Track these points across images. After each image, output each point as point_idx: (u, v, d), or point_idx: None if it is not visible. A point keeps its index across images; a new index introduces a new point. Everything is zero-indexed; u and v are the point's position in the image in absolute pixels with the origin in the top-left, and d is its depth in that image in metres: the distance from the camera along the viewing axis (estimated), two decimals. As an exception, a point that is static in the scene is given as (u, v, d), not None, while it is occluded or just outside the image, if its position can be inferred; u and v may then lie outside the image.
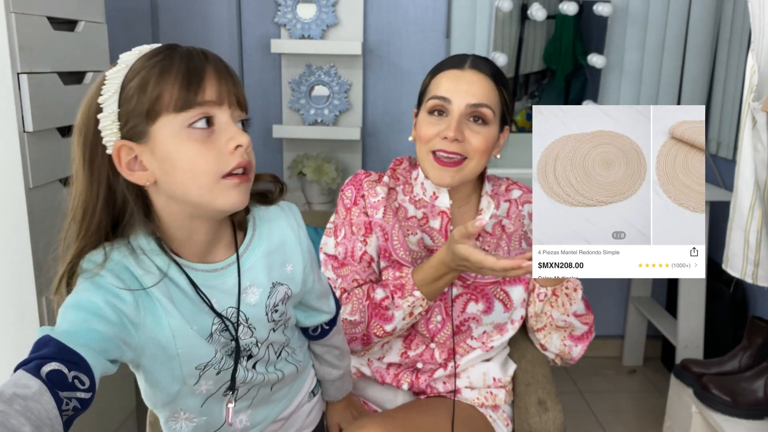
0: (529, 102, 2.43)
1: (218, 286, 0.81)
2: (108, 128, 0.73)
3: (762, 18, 1.28)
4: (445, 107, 1.13)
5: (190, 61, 0.72)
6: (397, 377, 1.19)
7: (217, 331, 0.81)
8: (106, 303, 0.74)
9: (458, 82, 1.13)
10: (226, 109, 0.74)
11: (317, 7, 2.12)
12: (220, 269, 0.82)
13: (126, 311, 0.74)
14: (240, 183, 0.75)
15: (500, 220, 1.22)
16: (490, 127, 1.14)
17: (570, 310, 1.16)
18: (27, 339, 1.37)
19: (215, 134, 0.73)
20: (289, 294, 0.87)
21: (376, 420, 1.06)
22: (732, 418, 1.56)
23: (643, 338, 2.46)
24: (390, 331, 1.12)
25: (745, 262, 1.39)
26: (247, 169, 0.76)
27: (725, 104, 2.14)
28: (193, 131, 0.72)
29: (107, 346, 0.72)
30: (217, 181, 0.73)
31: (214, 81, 0.73)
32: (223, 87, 0.73)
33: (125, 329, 0.74)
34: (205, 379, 0.83)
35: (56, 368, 0.69)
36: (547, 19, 2.18)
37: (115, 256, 0.77)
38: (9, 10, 1.23)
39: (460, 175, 1.14)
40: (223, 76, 0.74)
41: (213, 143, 0.73)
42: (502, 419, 1.21)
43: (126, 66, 0.74)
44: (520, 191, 1.25)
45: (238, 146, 0.74)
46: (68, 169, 0.79)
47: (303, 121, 2.19)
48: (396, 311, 1.10)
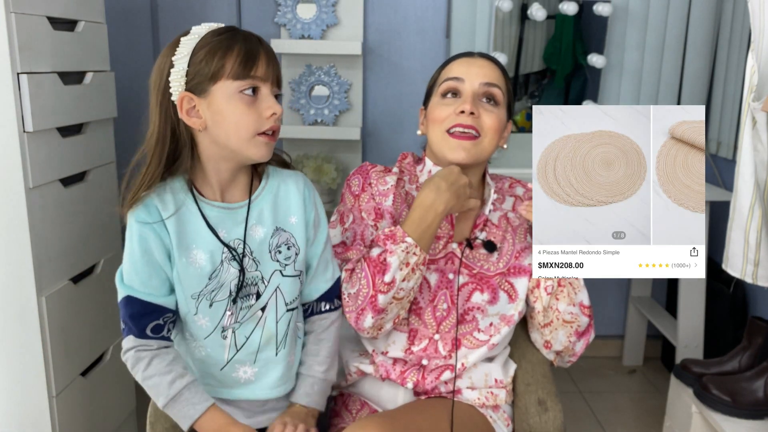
0: (529, 102, 2.43)
1: (229, 220, 1.02)
2: (176, 81, 0.96)
3: (762, 18, 1.28)
4: (458, 88, 1.17)
5: (249, 44, 0.96)
6: (402, 375, 1.19)
7: (227, 260, 1.01)
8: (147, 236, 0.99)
9: (470, 65, 1.19)
10: (268, 84, 0.97)
11: (317, 7, 2.12)
12: (234, 208, 1.03)
13: (157, 239, 0.99)
14: (269, 141, 0.99)
15: (505, 213, 1.25)
16: (501, 109, 1.18)
17: (576, 300, 1.17)
18: (27, 339, 1.37)
19: (258, 101, 0.97)
20: (293, 242, 1.06)
21: (375, 420, 1.06)
22: (732, 418, 1.56)
23: (643, 338, 2.46)
24: (389, 281, 1.08)
25: (745, 262, 1.39)
26: (276, 132, 1.00)
27: (725, 104, 2.14)
28: (243, 96, 0.95)
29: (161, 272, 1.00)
30: (253, 137, 0.97)
31: (264, 62, 0.96)
32: (269, 68, 0.96)
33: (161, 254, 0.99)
34: (202, 313, 1.02)
35: (154, 323, 1.00)
36: (547, 19, 2.18)
37: (150, 200, 0.99)
38: (9, 10, 1.23)
39: (476, 150, 1.16)
40: (271, 59, 0.97)
41: (255, 108, 0.96)
42: (503, 419, 1.21)
43: (198, 36, 0.96)
44: (524, 189, 1.29)
45: (273, 114, 0.97)
46: (68, 169, 0.84)
47: (303, 121, 2.19)
48: (390, 257, 1.08)
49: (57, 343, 1.41)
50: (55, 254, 1.41)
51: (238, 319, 1.03)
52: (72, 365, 1.49)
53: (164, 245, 0.99)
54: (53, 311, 1.40)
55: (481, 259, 1.20)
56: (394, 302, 1.10)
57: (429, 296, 1.19)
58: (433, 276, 1.19)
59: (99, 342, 1.62)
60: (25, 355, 1.38)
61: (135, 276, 0.99)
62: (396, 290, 1.09)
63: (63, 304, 1.44)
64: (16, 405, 1.41)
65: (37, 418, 1.41)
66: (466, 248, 1.19)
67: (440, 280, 1.19)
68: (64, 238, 1.45)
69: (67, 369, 1.46)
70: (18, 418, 1.41)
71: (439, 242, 1.20)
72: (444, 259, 1.20)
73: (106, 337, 1.65)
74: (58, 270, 1.43)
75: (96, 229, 1.59)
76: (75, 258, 1.50)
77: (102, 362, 1.63)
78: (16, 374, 1.39)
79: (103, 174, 1.62)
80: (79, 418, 1.52)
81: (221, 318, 1.03)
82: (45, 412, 1.41)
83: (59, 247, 1.43)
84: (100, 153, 1.60)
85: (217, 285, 1.01)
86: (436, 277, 1.19)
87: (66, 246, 1.46)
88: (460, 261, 1.19)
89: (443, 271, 1.19)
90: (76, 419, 1.51)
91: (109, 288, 1.66)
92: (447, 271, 1.19)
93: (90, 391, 1.56)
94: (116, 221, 1.70)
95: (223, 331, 1.03)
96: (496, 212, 1.24)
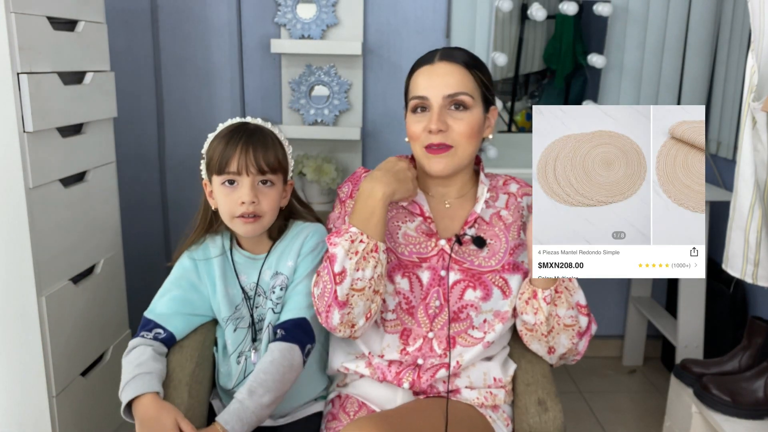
0: (529, 102, 2.43)
1: (251, 268, 1.27)
2: (203, 169, 1.25)
3: (762, 18, 1.28)
4: (424, 104, 1.19)
5: (227, 146, 1.18)
6: (398, 375, 1.19)
7: (243, 300, 1.26)
8: (189, 267, 1.27)
9: (431, 77, 1.19)
10: (245, 176, 1.17)
11: (317, 7, 2.12)
12: (256, 258, 1.28)
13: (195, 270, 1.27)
14: (246, 223, 1.19)
15: (498, 211, 1.25)
16: (473, 110, 1.18)
17: (573, 302, 1.16)
18: (27, 339, 1.37)
19: (236, 190, 1.18)
20: (286, 284, 1.25)
21: (372, 420, 1.06)
22: (732, 418, 1.56)
23: (643, 338, 2.46)
24: (339, 271, 1.11)
25: (745, 262, 1.39)
26: (256, 214, 1.19)
27: (725, 104, 2.14)
28: (224, 186, 1.19)
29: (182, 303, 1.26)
30: (232, 219, 1.20)
31: (240, 158, 1.17)
32: (243, 161, 1.17)
33: (197, 280, 1.27)
34: (229, 334, 1.25)
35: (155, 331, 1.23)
36: (547, 19, 2.18)
37: (205, 243, 1.29)
38: (9, 10, 1.23)
39: (453, 161, 1.19)
40: (249, 153, 1.17)
41: (232, 195, 1.19)
42: (502, 419, 1.21)
43: (214, 135, 1.23)
44: (518, 185, 1.29)
45: (243, 202, 1.17)
46: (68, 169, 0.85)
47: (303, 121, 2.19)
48: (335, 249, 1.13)
49: (57, 343, 1.41)
50: (55, 254, 1.41)
51: (252, 347, 1.25)
52: (72, 365, 1.49)
53: (206, 275, 1.26)
54: (53, 311, 1.40)
55: (473, 255, 1.21)
56: (356, 294, 1.12)
57: (421, 294, 1.19)
58: (426, 274, 1.20)
59: (99, 342, 1.62)
60: (25, 355, 1.38)
61: (165, 303, 1.23)
62: (352, 280, 1.11)
63: (63, 304, 1.44)
64: (16, 405, 1.41)
65: (37, 418, 1.41)
66: (456, 244, 1.20)
67: (432, 278, 1.20)
68: (64, 238, 1.45)
69: (67, 369, 1.46)
70: (18, 418, 1.41)
71: (430, 240, 1.21)
72: (436, 257, 1.21)
73: (106, 337, 1.65)
74: (58, 270, 1.43)
75: (96, 229, 1.59)
76: (75, 258, 1.50)
77: (102, 362, 1.63)
78: (16, 374, 1.39)
79: (103, 174, 1.62)
80: (79, 418, 1.52)
81: (240, 343, 1.25)
82: (45, 412, 1.41)
83: (59, 247, 1.43)
84: (100, 153, 1.60)
85: (240, 315, 1.26)
86: (428, 275, 1.20)
87: (66, 246, 1.46)
88: (449, 257, 1.20)
89: (435, 268, 1.20)
90: (76, 419, 1.51)
91: (109, 288, 1.67)
92: (439, 269, 1.20)
93: (90, 391, 1.56)
94: (116, 221, 1.70)
95: (239, 355, 1.25)
96: (488, 210, 1.25)
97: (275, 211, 1.23)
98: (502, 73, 2.33)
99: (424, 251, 1.21)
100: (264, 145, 1.19)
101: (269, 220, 1.22)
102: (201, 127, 2.24)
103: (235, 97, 2.21)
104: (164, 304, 1.24)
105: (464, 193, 1.27)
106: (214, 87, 2.20)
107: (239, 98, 2.21)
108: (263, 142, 1.20)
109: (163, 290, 1.26)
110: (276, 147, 1.22)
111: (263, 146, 1.19)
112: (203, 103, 2.21)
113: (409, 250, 1.22)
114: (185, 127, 2.22)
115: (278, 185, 1.22)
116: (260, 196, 1.19)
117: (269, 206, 1.20)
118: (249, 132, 1.20)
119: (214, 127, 1.25)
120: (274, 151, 1.20)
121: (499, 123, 2.40)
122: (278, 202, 1.23)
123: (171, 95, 2.21)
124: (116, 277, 1.71)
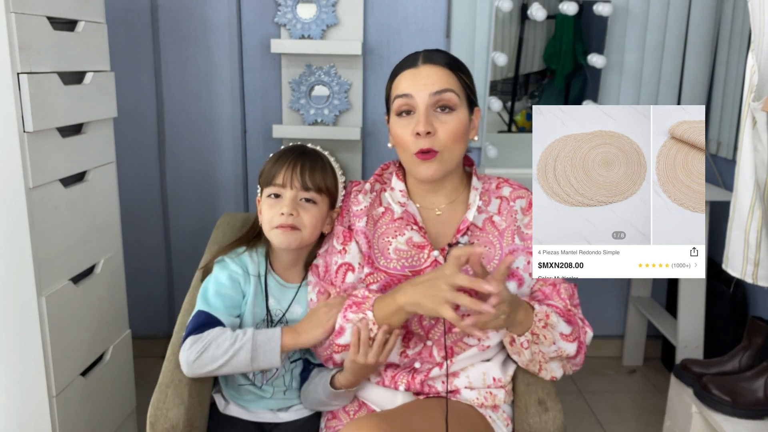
0: (529, 102, 2.43)
1: (282, 295, 1.29)
2: (259, 186, 1.30)
3: (762, 18, 1.28)
4: (409, 104, 1.17)
5: (278, 160, 1.25)
6: (394, 379, 1.19)
7: (265, 322, 1.27)
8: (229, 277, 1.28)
9: (415, 78, 1.18)
10: (289, 189, 1.23)
11: (317, 7, 2.12)
12: (288, 287, 1.30)
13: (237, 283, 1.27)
14: (283, 232, 1.22)
15: (491, 216, 1.23)
16: (458, 112, 1.17)
17: (554, 337, 1.14)
18: (27, 339, 1.37)
19: (279, 202, 1.23)
20: None
21: (372, 420, 1.06)
22: (732, 418, 1.56)
23: (643, 338, 2.46)
24: (344, 344, 1.16)
25: (745, 262, 1.39)
26: (294, 226, 1.22)
27: (725, 104, 2.14)
28: (269, 198, 1.25)
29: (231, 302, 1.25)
30: (271, 229, 1.24)
31: (287, 174, 1.23)
32: (288, 175, 1.23)
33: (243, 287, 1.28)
34: None
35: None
36: (547, 19, 2.18)
37: (243, 256, 1.31)
38: (9, 10, 1.23)
39: (441, 165, 1.18)
40: (296, 169, 1.23)
41: (275, 207, 1.24)
42: (502, 419, 1.21)
43: (273, 153, 1.30)
44: (511, 188, 1.27)
45: (282, 213, 1.22)
46: (68, 169, 0.84)
47: (303, 121, 2.19)
48: (347, 324, 1.15)
49: (57, 343, 1.41)
50: (55, 254, 1.41)
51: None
52: (72, 365, 1.49)
53: (247, 284, 1.27)
54: (53, 311, 1.40)
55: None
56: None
57: None
58: None
59: (99, 342, 1.62)
60: (25, 355, 1.38)
61: (218, 299, 1.23)
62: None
63: (63, 304, 1.44)
64: (16, 405, 1.41)
65: (37, 418, 1.41)
66: (449, 254, 1.19)
67: None
68: (64, 238, 1.45)
69: (67, 369, 1.46)
70: (18, 418, 1.41)
71: (423, 252, 1.20)
72: (430, 268, 1.18)
73: (106, 337, 1.65)
74: (58, 270, 1.43)
75: (96, 229, 1.59)
76: (75, 258, 1.50)
77: (102, 362, 1.63)
78: (16, 374, 1.39)
79: (103, 174, 1.62)
80: (79, 418, 1.52)
81: None
82: (45, 412, 1.41)
83: (59, 247, 1.43)
84: (100, 153, 1.60)
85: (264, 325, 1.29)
86: None
87: (66, 246, 1.46)
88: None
89: None
90: (76, 419, 1.51)
91: (109, 288, 1.67)
92: None
93: (90, 391, 1.56)
94: (116, 221, 1.70)
95: None
96: (480, 215, 1.23)
97: (315, 230, 1.25)
98: (502, 73, 2.33)
99: (417, 264, 1.19)
100: (312, 165, 1.24)
101: (308, 236, 1.24)
102: (201, 127, 2.25)
103: (235, 97, 2.21)
104: (219, 300, 1.23)
105: (454, 198, 1.25)
106: (214, 87, 2.20)
107: (239, 98, 2.21)
108: (312, 162, 1.25)
109: (216, 288, 1.24)
110: (326, 170, 1.26)
111: (311, 165, 1.24)
112: (203, 103, 2.21)
113: (401, 265, 1.19)
114: (185, 127, 2.22)
115: (321, 206, 1.25)
116: (301, 210, 1.22)
117: (309, 222, 1.23)
118: (302, 151, 1.27)
119: (214, 126, 1.26)
120: (323, 174, 1.24)
121: (499, 123, 2.40)
122: (319, 222, 1.25)
123: (171, 95, 2.21)
124: (116, 277, 1.71)
